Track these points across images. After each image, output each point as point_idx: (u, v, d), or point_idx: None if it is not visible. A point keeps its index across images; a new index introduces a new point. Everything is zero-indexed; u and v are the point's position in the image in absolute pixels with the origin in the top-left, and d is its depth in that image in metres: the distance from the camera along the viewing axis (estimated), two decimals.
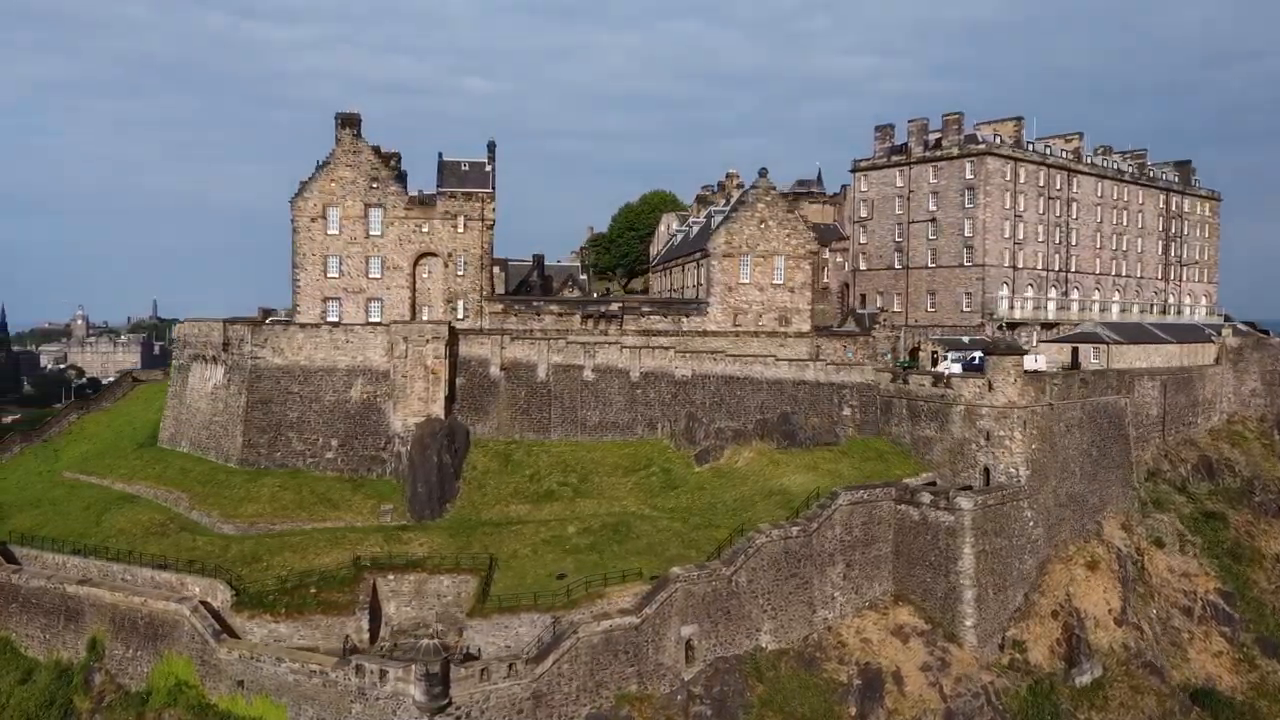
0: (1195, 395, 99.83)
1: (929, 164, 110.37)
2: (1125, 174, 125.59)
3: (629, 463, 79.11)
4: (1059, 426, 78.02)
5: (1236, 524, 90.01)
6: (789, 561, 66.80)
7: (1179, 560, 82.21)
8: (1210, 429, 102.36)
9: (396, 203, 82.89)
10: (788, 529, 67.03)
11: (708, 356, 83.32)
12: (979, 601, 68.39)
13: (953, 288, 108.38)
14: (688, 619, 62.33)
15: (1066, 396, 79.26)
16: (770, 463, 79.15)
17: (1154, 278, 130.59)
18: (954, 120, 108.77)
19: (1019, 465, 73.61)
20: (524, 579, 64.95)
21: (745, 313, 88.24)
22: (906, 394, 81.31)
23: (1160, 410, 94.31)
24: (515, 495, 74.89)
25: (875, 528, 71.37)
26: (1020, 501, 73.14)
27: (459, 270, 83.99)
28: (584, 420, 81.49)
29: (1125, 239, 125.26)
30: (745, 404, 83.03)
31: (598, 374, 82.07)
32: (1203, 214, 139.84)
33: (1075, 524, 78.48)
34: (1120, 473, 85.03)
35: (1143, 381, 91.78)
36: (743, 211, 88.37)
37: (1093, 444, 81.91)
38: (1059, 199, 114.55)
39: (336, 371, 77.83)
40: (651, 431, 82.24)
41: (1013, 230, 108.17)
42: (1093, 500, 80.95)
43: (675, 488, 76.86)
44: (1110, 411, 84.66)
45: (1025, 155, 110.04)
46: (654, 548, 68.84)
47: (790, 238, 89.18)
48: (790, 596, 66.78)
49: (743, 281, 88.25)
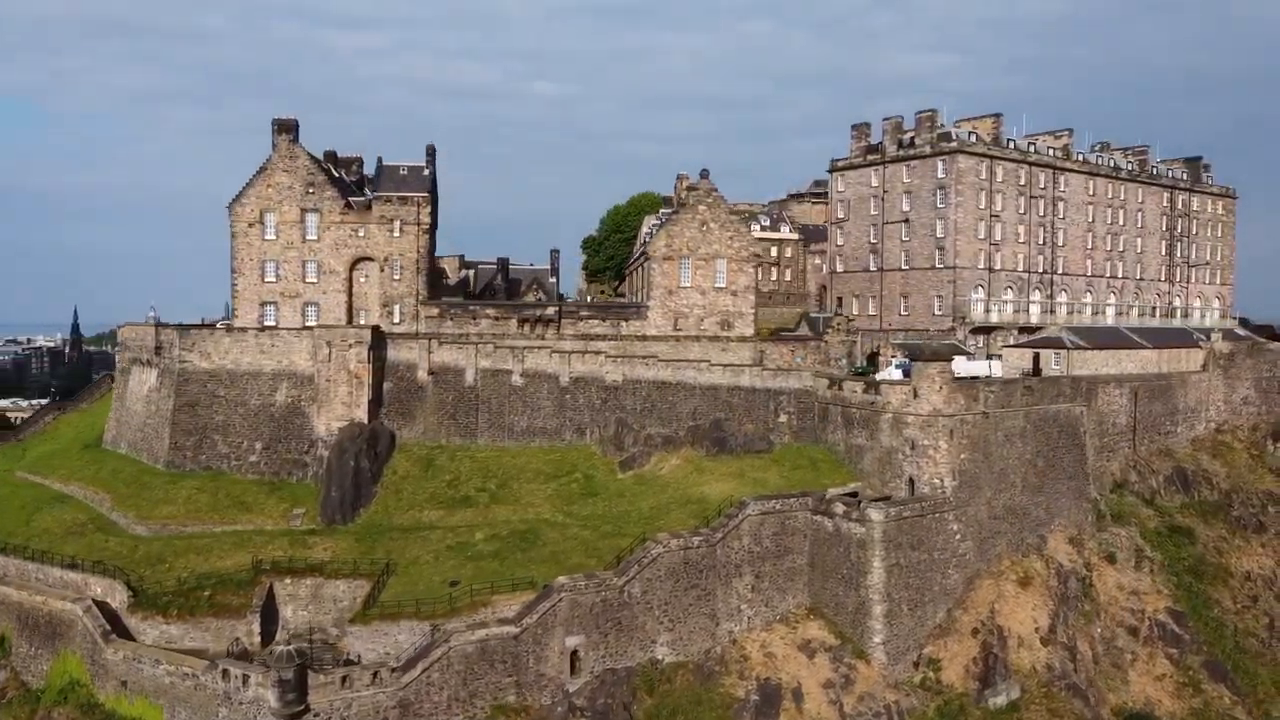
0: (1175, 403, 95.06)
1: (903, 163, 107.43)
2: (1122, 171, 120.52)
3: (552, 469, 78.29)
4: (996, 436, 74.84)
5: (1205, 539, 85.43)
6: (689, 572, 65.20)
7: (1131, 577, 78.25)
8: (1194, 438, 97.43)
9: (333, 207, 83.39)
10: (688, 539, 65.44)
11: (639, 361, 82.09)
12: (889, 617, 65.92)
13: (925, 290, 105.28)
14: (573, 629, 61.21)
15: (1006, 405, 76.00)
16: (695, 470, 77.61)
17: (1156, 279, 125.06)
18: (927, 118, 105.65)
19: (943, 476, 70.82)
20: (417, 585, 64.61)
21: (686, 317, 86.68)
22: (842, 401, 79.02)
23: (1130, 419, 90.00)
24: (431, 500, 74.66)
25: (789, 539, 69.34)
26: (945, 514, 70.38)
27: (395, 275, 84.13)
28: (511, 425, 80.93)
29: (1122, 239, 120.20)
30: (677, 410, 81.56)
31: (527, 379, 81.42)
32: (1215, 212, 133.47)
33: (1014, 537, 75.20)
34: (1074, 484, 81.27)
35: (1108, 389, 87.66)
36: (684, 214, 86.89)
37: (1039, 454, 78.41)
38: (1043, 198, 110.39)
39: (262, 375, 78.57)
40: (580, 437, 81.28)
41: (988, 231, 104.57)
42: (1037, 513, 77.49)
43: (594, 495, 75.82)
44: (1063, 420, 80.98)
45: (1003, 153, 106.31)
46: (557, 556, 68.00)
47: (733, 240, 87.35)
48: (690, 608, 65.18)
49: (683, 285, 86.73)
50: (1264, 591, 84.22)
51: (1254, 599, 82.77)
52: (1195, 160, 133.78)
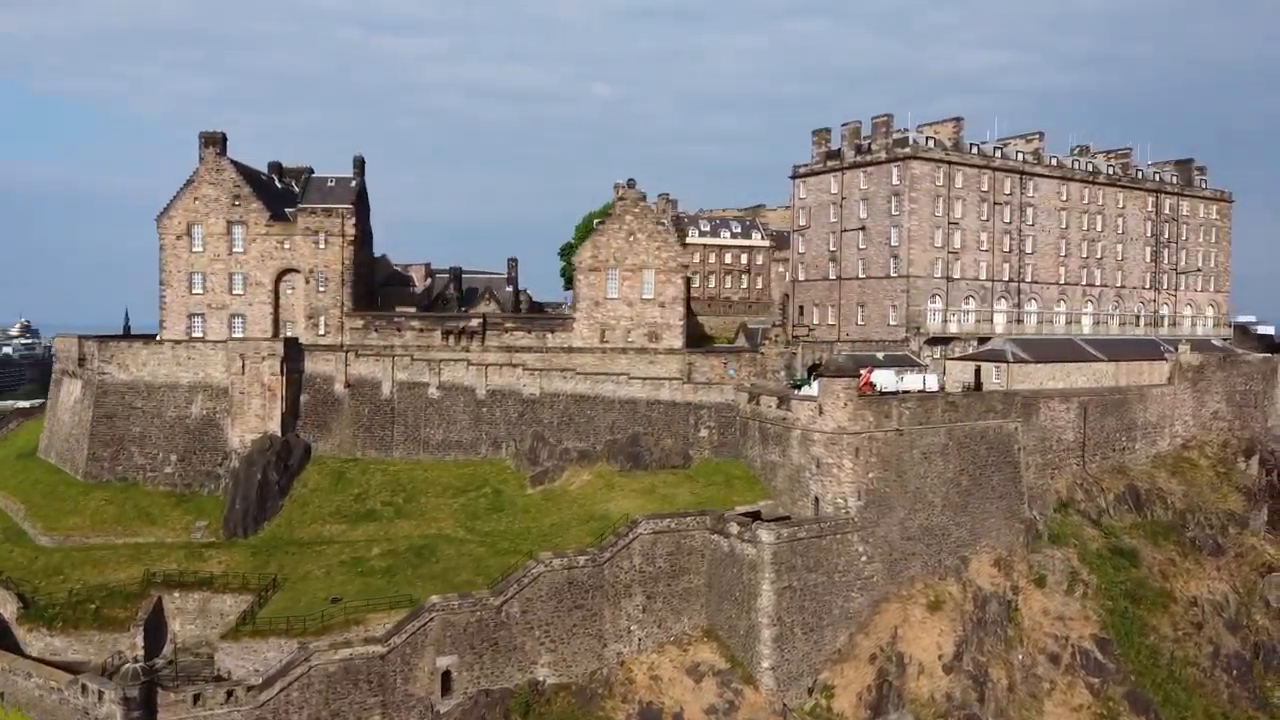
0: (1132, 418, 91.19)
1: (860, 169, 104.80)
2: (1101, 175, 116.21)
3: (462, 483, 77.65)
4: (912, 454, 72.36)
5: (1151, 562, 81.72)
6: (574, 592, 64.06)
7: (1059, 601, 75.08)
8: (1156, 454, 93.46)
9: (258, 220, 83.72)
10: (572, 558, 64.32)
11: (557, 374, 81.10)
12: (779, 641, 64.01)
13: (880, 300, 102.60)
14: (445, 649, 60.48)
15: (925, 421, 73.46)
16: (605, 486, 76.40)
17: (1140, 287, 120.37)
18: (883, 122, 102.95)
19: (847, 495, 68.65)
20: (300, 601, 64.32)
21: (613, 329, 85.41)
22: (759, 416, 77.20)
23: (1079, 434, 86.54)
24: (335, 514, 74.45)
25: (685, 558, 67.81)
26: (848, 534, 68.22)
27: (320, 286, 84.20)
28: (427, 439, 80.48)
29: (1100, 245, 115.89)
30: (595, 424, 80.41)
31: (444, 392, 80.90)
32: (1208, 217, 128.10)
33: (930, 559, 72.64)
34: (1005, 503, 78.29)
35: (1051, 404, 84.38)
36: (610, 224, 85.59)
37: (963, 472, 75.67)
38: (1009, 204, 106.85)
39: (179, 388, 79.12)
40: (496, 451, 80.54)
41: (946, 238, 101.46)
42: (959, 534, 74.77)
43: (500, 510, 74.99)
44: (992, 437, 78.07)
45: (964, 158, 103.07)
46: (447, 573, 67.38)
47: (660, 251, 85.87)
48: (575, 629, 64.05)
49: (610, 296, 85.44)
50: (1212, 618, 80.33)
51: (1198, 626, 78.96)
52: (1187, 162, 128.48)
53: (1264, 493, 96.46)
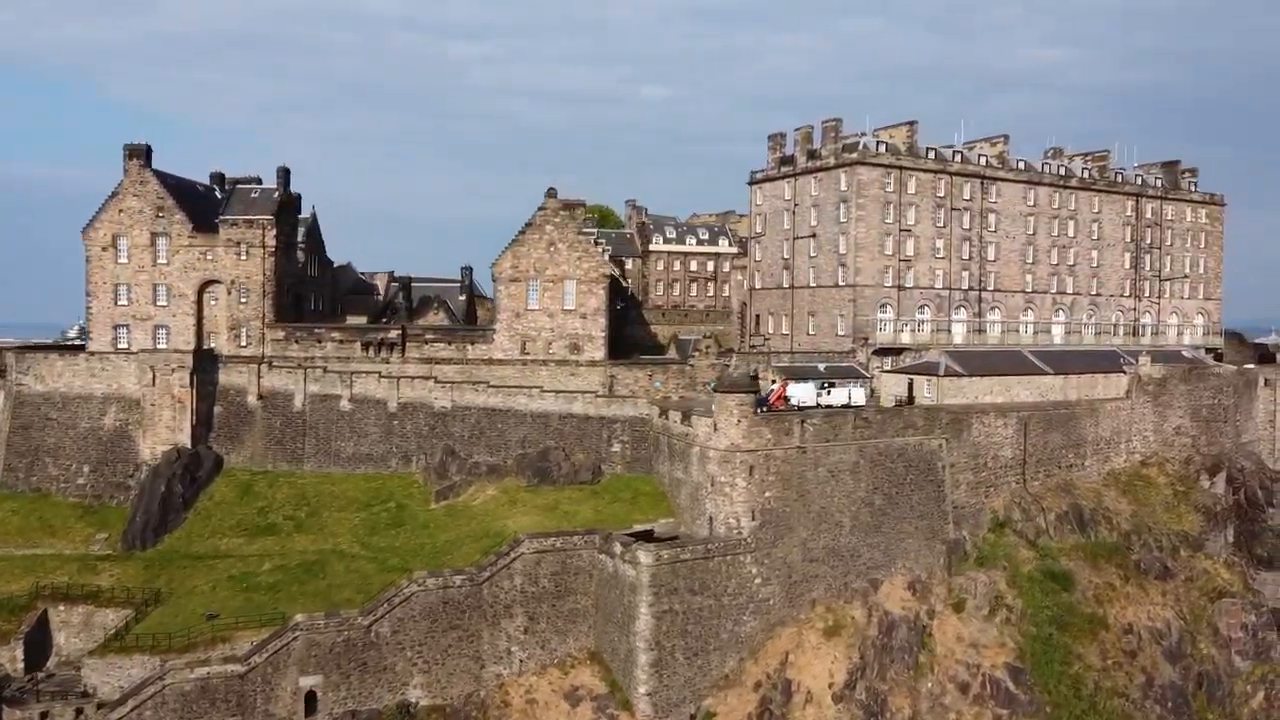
0: (1081, 434, 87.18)
1: (811, 175, 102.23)
2: (1073, 179, 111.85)
3: (368, 497, 76.94)
4: (817, 473, 69.78)
5: (1087, 586, 77.90)
6: (449, 612, 62.86)
7: (976, 627, 71.86)
8: (1110, 471, 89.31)
9: (181, 231, 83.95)
10: (448, 578, 63.14)
11: (469, 387, 80.00)
12: (658, 667, 62.03)
13: (829, 309, 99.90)
14: (309, 669, 59.66)
15: (832, 438, 70.81)
16: (509, 502, 75.11)
17: (1118, 295, 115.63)
18: (831, 127, 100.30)
19: (740, 516, 66.35)
20: (178, 616, 64.09)
21: (534, 340, 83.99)
22: (667, 431, 75.26)
23: (1018, 451, 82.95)
24: (236, 528, 74.19)
25: (571, 578, 66.18)
26: (740, 556, 65.95)
27: (242, 298, 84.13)
28: (338, 451, 79.96)
29: (1073, 252, 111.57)
30: (507, 438, 79.17)
31: (355, 404, 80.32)
32: (1197, 221, 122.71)
33: (835, 582, 69.96)
34: (927, 523, 75.24)
35: (986, 419, 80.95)
36: (530, 233, 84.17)
37: (877, 491, 72.84)
38: (969, 209, 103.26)
39: (93, 399, 79.60)
40: (406, 465, 79.71)
41: (897, 246, 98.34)
42: (871, 555, 71.95)
43: (400, 526, 74.12)
44: (912, 454, 75.07)
45: (917, 163, 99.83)
46: (331, 590, 66.77)
47: (581, 261, 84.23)
48: (450, 650, 62.83)
49: (531, 308, 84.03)
50: (1149, 646, 76.34)
51: (1131, 654, 75.08)
52: (1173, 164, 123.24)
53: (1230, 512, 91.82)
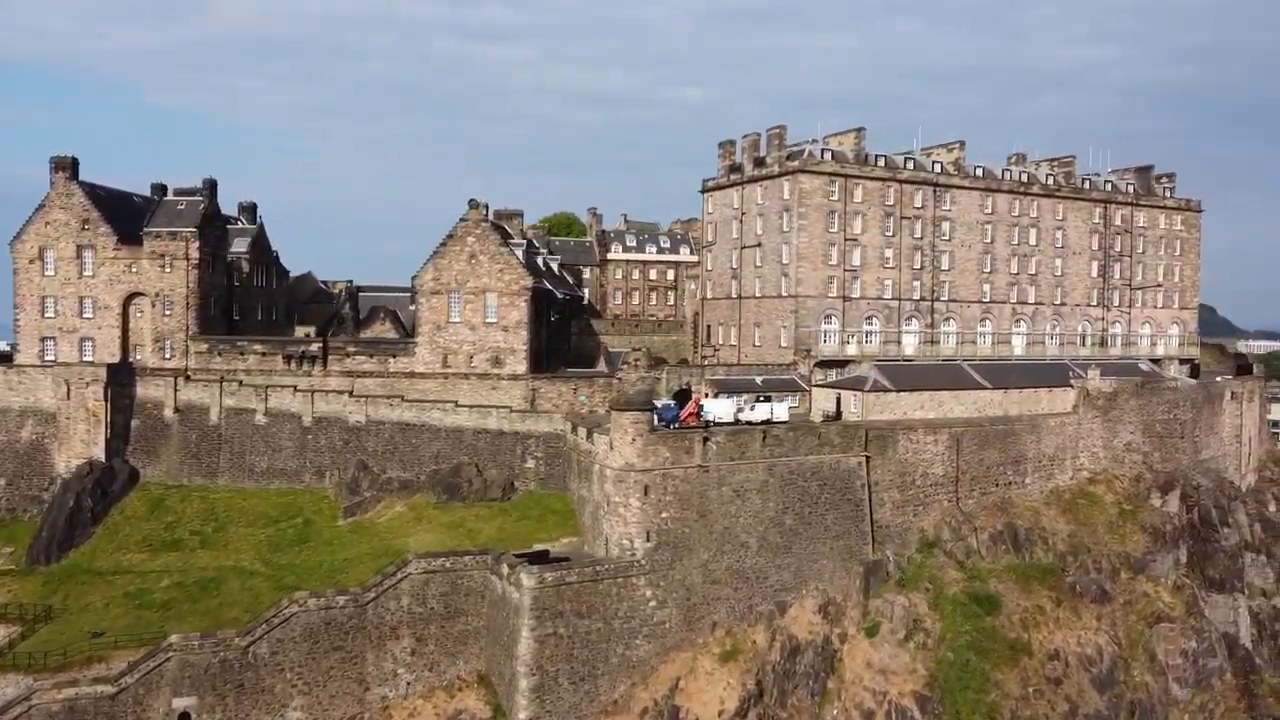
0: (1021, 450, 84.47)
1: (757, 183, 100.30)
2: (1035, 185, 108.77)
3: (277, 513, 76.20)
4: (720, 492, 67.90)
5: (1014, 610, 75.34)
6: (332, 633, 61.86)
7: (887, 653, 69.65)
8: (1054, 489, 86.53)
9: (106, 244, 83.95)
10: (330, 598, 62.13)
11: (384, 402, 79.09)
12: (539, 692, 60.52)
13: (773, 320, 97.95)
14: (183, 690, 58.92)
15: (739, 457, 68.89)
16: (415, 519, 74.08)
17: (1085, 304, 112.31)
18: (776, 134, 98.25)
19: (633, 537, 64.67)
20: (65, 634, 63.67)
21: (455, 353, 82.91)
22: (576, 448, 73.81)
23: (950, 468, 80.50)
24: (142, 543, 73.79)
25: (462, 599, 64.91)
26: (633, 578, 64.30)
27: (166, 310, 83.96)
28: (253, 466, 79.38)
29: (1035, 260, 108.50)
30: (420, 453, 78.16)
31: (270, 418, 79.69)
32: (1170, 228, 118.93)
33: (739, 605, 67.99)
34: (844, 544, 73.09)
35: (914, 435, 78.64)
36: (451, 245, 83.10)
37: (788, 511, 70.80)
38: (921, 218, 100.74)
39: (10, 412, 79.70)
40: (320, 480, 78.94)
41: (843, 255, 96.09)
42: (780, 577, 69.92)
43: (306, 542, 73.29)
44: (829, 473, 72.93)
45: (863, 171, 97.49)
46: (222, 609, 66.11)
47: (503, 273, 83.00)
48: (333, 672, 61.82)
49: (453, 320, 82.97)
50: (1076, 673, 73.69)
51: (1056, 682, 72.46)
52: (1146, 169, 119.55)
53: (1183, 531, 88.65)
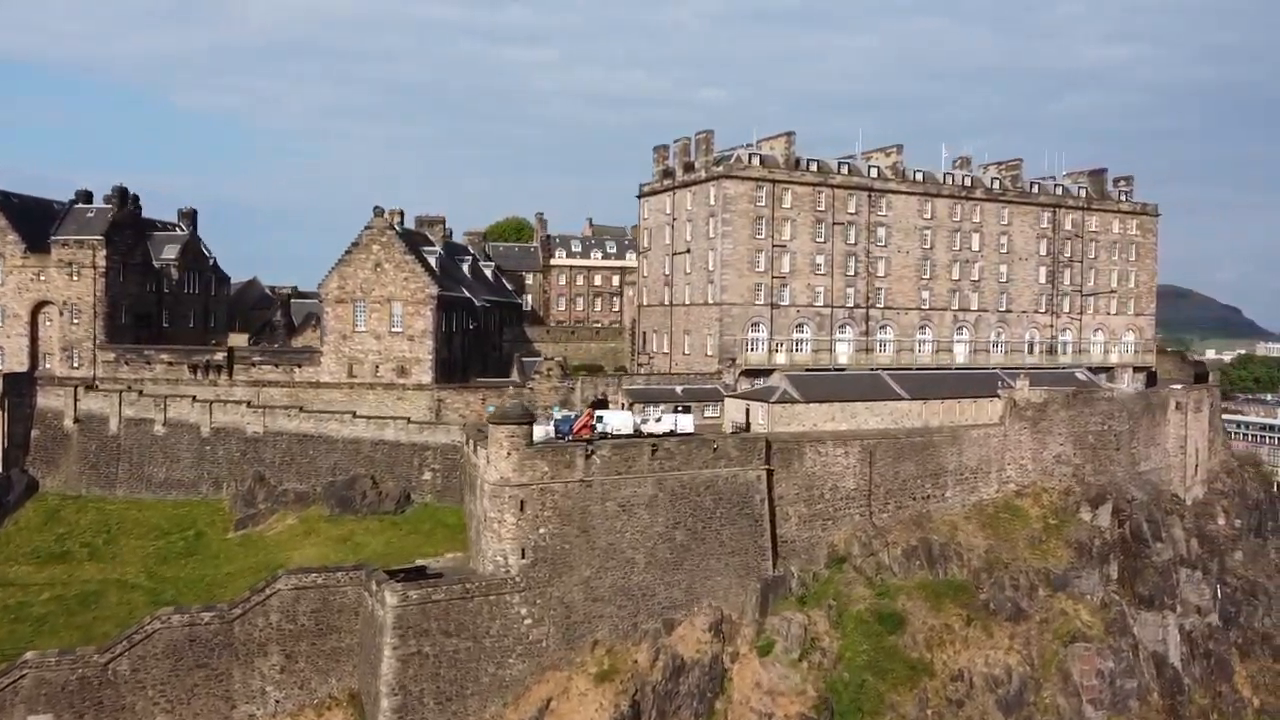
0: (940, 462, 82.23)
1: (687, 189, 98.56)
2: (978, 189, 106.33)
3: (170, 525, 75.37)
4: (604, 507, 66.21)
5: (920, 628, 73.18)
6: (197, 650, 60.86)
7: (778, 673, 67.68)
8: (978, 502, 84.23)
9: (15, 252, 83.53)
10: (195, 615, 61.18)
11: (281, 412, 78.08)
12: (402, 712, 59.04)
13: (701, 328, 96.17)
14: (39, 708, 58.09)
15: (624, 470, 67.15)
16: (305, 532, 73.01)
17: (1032, 311, 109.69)
18: (704, 139, 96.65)
19: (508, 553, 63.15)
20: None
21: (361, 363, 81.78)
22: (468, 460, 72.38)
23: (862, 482, 78.46)
24: (30, 555, 73.14)
25: (334, 616, 63.70)
26: (507, 595, 62.80)
27: (73, 319, 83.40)
28: (151, 476, 78.63)
29: (978, 267, 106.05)
30: (317, 465, 77.10)
31: (169, 428, 78.88)
32: (1125, 233, 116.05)
33: (624, 623, 66.24)
34: (741, 560, 71.18)
35: (822, 448, 76.65)
36: (356, 253, 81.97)
37: (679, 526, 68.97)
38: (856, 223, 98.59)
39: None
40: (217, 491, 78.06)
41: (770, 262, 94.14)
42: (670, 594, 68.09)
43: (194, 555, 72.37)
44: (724, 487, 71.03)
45: (793, 176, 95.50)
46: (95, 624, 65.41)
47: (408, 281, 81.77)
48: (197, 689, 60.81)
49: (358, 329, 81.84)
50: (981, 694, 71.49)
51: (958, 703, 70.28)
52: (1100, 173, 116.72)
53: (1113, 547, 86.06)
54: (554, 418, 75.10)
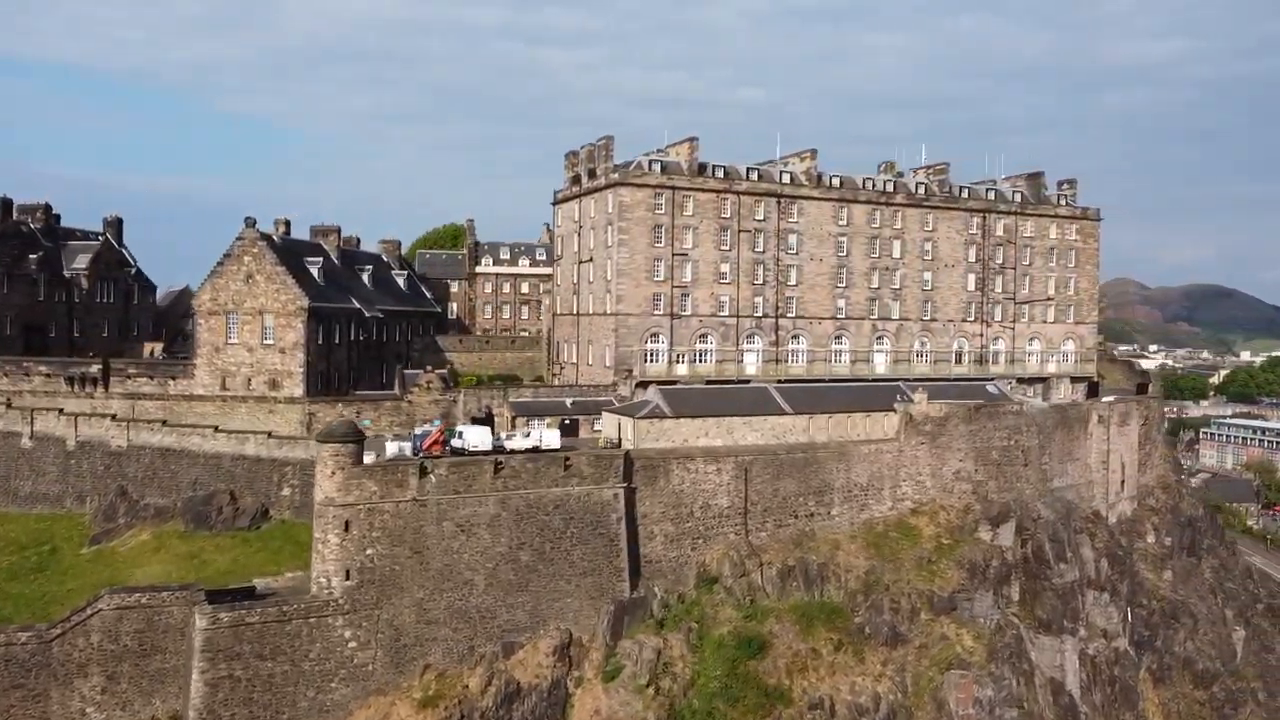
0: (826, 479, 79.43)
1: (590, 196, 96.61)
2: (898, 194, 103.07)
3: (29, 539, 74.71)
4: (441, 527, 64.47)
5: (784, 653, 70.57)
6: (12, 671, 59.82)
7: (619, 700, 65.41)
8: (867, 521, 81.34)
9: None
10: (11, 634, 60.26)
11: (145, 426, 77.27)
12: None
13: (600, 339, 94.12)
14: None
15: (464, 489, 65.33)
16: (156, 548, 72.01)
17: (961, 320, 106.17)
18: (604, 145, 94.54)
19: (331, 574, 61.67)
20: None
21: (234, 376, 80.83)
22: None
23: (737, 499, 75.97)
24: None
25: (160, 636, 62.33)
26: (329, 618, 61.29)
27: None
28: (17, 490, 78.23)
29: (899, 274, 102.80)
30: (179, 479, 76.12)
31: (36, 441, 78.40)
32: (1063, 238, 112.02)
33: (460, 646, 64.42)
34: (592, 581, 69.04)
35: (691, 464, 74.29)
36: (228, 265, 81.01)
37: (525, 547, 67.01)
38: (764, 230, 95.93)
39: None
40: (81, 505, 77.39)
41: (671, 271, 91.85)
42: (513, 617, 66.15)
43: (43, 571, 71.63)
44: (577, 506, 68.92)
45: (694, 183, 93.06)
46: None
47: (279, 293, 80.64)
48: (13, 710, 59.81)
49: (231, 341, 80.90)
50: None
51: None
52: (1037, 176, 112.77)
53: (1014, 568, 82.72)
54: (414, 433, 73.65)
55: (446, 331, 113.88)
